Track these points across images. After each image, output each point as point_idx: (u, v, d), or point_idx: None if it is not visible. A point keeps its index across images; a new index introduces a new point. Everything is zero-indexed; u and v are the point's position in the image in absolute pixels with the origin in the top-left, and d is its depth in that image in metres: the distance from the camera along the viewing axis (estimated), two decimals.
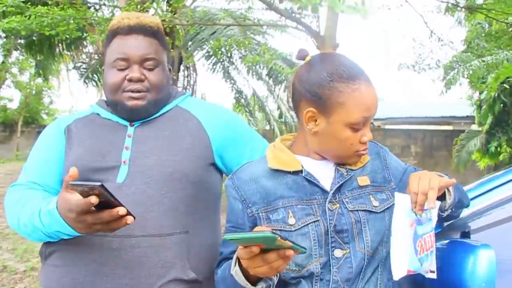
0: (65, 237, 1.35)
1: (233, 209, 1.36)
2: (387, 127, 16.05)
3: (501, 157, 11.45)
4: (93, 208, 1.18)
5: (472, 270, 1.27)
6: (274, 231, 0.99)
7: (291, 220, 1.27)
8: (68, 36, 6.85)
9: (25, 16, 6.31)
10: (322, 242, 1.25)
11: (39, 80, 18.62)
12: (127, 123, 1.55)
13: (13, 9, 6.30)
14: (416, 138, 14.85)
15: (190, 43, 10.84)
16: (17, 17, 6.32)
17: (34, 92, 20.97)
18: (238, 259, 1.14)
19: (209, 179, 1.56)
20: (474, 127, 13.73)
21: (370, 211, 1.29)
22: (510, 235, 1.56)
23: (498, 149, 11.35)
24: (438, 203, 1.28)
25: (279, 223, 1.27)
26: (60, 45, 11.92)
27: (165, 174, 1.45)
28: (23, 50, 12.44)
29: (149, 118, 1.56)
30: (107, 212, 1.18)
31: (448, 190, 1.33)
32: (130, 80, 1.51)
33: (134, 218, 1.22)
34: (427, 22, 7.19)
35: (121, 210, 1.18)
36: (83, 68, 14.01)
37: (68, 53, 13.03)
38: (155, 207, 1.42)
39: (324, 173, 1.33)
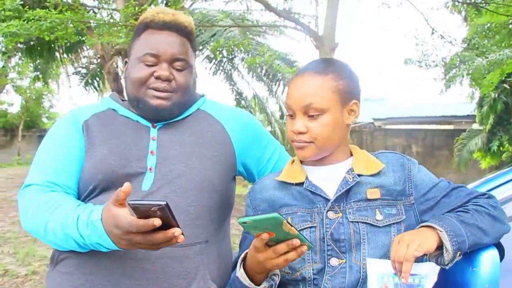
0: (104, 250, 1.26)
1: (247, 216, 1.43)
2: (388, 127, 16.03)
3: (503, 156, 11.42)
4: None
5: (475, 270, 1.26)
6: (280, 214, 1.07)
7: None
8: (67, 41, 6.85)
9: (24, 20, 6.30)
10: (317, 248, 1.30)
11: (39, 84, 18.65)
12: (149, 124, 1.49)
13: (11, 13, 6.28)
14: (417, 138, 14.82)
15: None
16: (16, 21, 6.30)
17: (34, 96, 20.99)
18: (242, 261, 1.27)
19: (230, 188, 1.55)
20: (475, 126, 13.70)
21: (371, 224, 1.29)
22: None
23: (500, 148, 11.33)
24: (433, 267, 1.20)
25: None
26: (59, 49, 11.93)
27: (193, 183, 1.41)
28: (22, 54, 12.43)
29: (172, 120, 1.50)
30: (161, 234, 1.12)
31: (446, 247, 1.19)
32: (157, 78, 1.43)
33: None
34: (428, 19, 7.14)
35: (176, 232, 1.12)
36: (83, 73, 14.04)
37: (67, 56, 13.04)
38: (181, 216, 1.33)
39: (334, 180, 1.35)
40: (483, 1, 7.17)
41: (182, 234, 1.13)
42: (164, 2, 9.05)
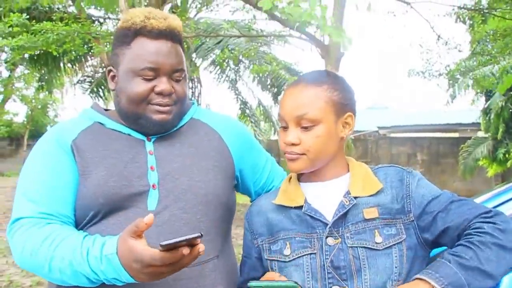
0: (120, 284, 1.17)
1: (245, 239, 1.44)
2: (393, 135, 15.99)
3: (509, 164, 11.37)
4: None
5: (501, 282, 1.23)
6: (297, 283, 1.09)
7: (287, 251, 1.30)
8: (75, 53, 6.89)
9: (32, 34, 6.33)
10: (318, 276, 1.24)
11: (44, 93, 18.74)
12: (143, 137, 1.39)
13: (19, 28, 6.31)
14: (422, 146, 14.78)
15: (194, 54, 10.87)
16: (24, 35, 6.32)
17: (39, 106, 21.10)
18: None
19: (232, 198, 1.49)
20: (480, 133, 13.66)
21: (370, 248, 1.23)
22: None
23: (506, 156, 11.30)
24: None
25: (277, 254, 1.32)
26: (64, 58, 11.99)
27: (199, 197, 1.35)
28: (27, 64, 12.51)
29: (166, 133, 1.41)
30: (187, 257, 1.07)
31: None
32: (159, 93, 1.33)
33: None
34: (434, 27, 7.14)
35: (201, 248, 1.08)
36: (87, 82, 14.08)
37: (72, 66, 13.09)
38: (192, 233, 1.29)
39: (332, 202, 1.30)
40: (488, 8, 7.16)
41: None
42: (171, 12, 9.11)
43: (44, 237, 1.21)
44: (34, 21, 6.73)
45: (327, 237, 1.25)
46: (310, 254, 1.27)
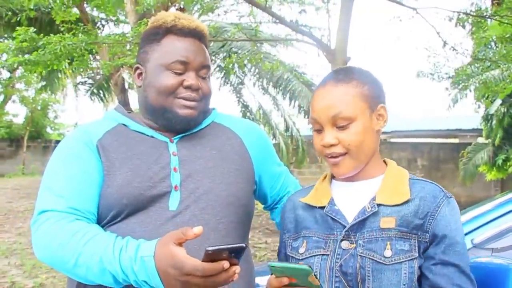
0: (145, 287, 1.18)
1: (280, 233, 1.46)
2: (393, 140, 16.01)
3: (509, 170, 11.39)
4: None
5: None
6: (311, 268, 1.09)
7: (302, 249, 1.31)
8: (82, 68, 6.95)
9: (41, 50, 6.36)
10: (326, 278, 1.24)
11: (44, 95, 18.71)
12: (165, 139, 1.42)
13: (27, 43, 6.32)
14: (423, 151, 14.81)
15: None
16: (34, 53, 6.37)
17: (39, 107, 21.06)
18: None
19: (252, 202, 1.51)
20: (480, 140, 13.69)
21: (377, 261, 1.20)
22: None
23: (506, 162, 11.32)
24: None
25: (294, 251, 1.34)
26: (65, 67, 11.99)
27: (220, 198, 1.36)
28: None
29: (188, 133, 1.44)
30: (224, 274, 1.08)
31: None
32: (187, 87, 1.38)
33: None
34: (440, 32, 7.15)
35: (237, 269, 1.09)
36: (88, 84, 14.08)
37: (73, 68, 13.07)
38: (212, 235, 1.31)
39: (358, 204, 1.28)
40: (492, 14, 7.18)
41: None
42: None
43: (74, 232, 1.22)
44: (35, 23, 6.75)
45: (342, 240, 1.25)
46: (322, 255, 1.27)
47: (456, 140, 16.65)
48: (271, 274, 1.17)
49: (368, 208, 1.25)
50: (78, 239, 1.21)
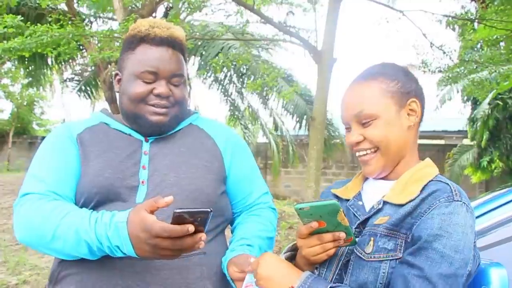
0: (118, 255, 1.25)
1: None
2: None
3: (494, 172, 11.54)
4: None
5: None
6: (337, 202, 1.12)
7: None
8: (68, 56, 6.87)
9: (26, 37, 6.28)
10: (332, 267, 1.27)
11: (31, 91, 18.51)
12: (141, 138, 1.51)
13: (13, 29, 6.24)
14: None
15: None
16: (19, 37, 6.28)
17: (25, 103, 20.84)
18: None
19: (223, 200, 1.55)
20: (466, 141, 13.81)
21: (358, 256, 1.21)
22: None
23: (491, 164, 11.45)
24: None
25: None
26: (51, 56, 11.87)
27: (184, 192, 1.42)
28: (15, 60, 12.33)
29: (165, 134, 1.52)
30: (190, 238, 1.15)
31: None
32: (157, 95, 1.45)
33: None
34: (426, 34, 7.22)
35: (203, 236, 1.16)
36: (76, 80, 13.95)
37: (59, 64, 12.94)
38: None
39: (376, 201, 1.28)
40: (479, 18, 7.26)
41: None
42: (164, 15, 9.10)
43: (52, 208, 1.32)
44: (23, 17, 6.67)
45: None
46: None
47: (442, 142, 16.77)
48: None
49: (376, 205, 1.26)
50: (57, 213, 1.30)
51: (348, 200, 1.34)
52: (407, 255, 1.11)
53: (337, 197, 1.38)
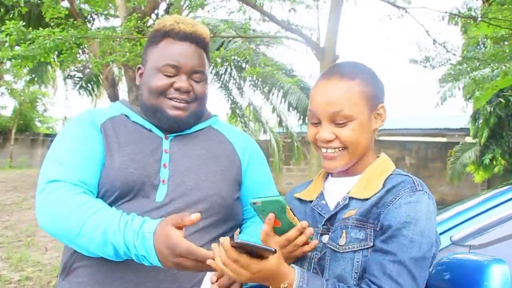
0: (146, 263, 1.24)
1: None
2: (381, 138, 16.09)
3: (496, 170, 11.51)
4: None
5: (486, 284, 1.27)
6: (284, 199, 1.16)
7: None
8: (71, 62, 6.90)
9: (29, 43, 6.28)
10: (305, 268, 1.27)
11: (34, 87, 18.54)
12: (161, 135, 1.50)
13: (16, 36, 6.24)
14: (411, 150, 14.89)
15: None
16: (22, 46, 6.30)
17: (28, 100, 20.86)
18: None
19: (237, 205, 1.55)
20: (468, 139, 13.79)
21: (333, 250, 1.23)
22: None
23: (493, 161, 11.43)
24: None
25: None
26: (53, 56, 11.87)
27: (204, 195, 1.42)
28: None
29: (184, 133, 1.52)
30: (213, 262, 1.13)
31: None
32: (177, 89, 1.45)
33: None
34: (429, 30, 7.20)
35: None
36: (77, 77, 13.97)
37: (61, 61, 12.95)
38: (190, 229, 1.35)
39: (340, 199, 1.31)
40: (480, 15, 7.23)
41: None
42: (165, 13, 9.08)
43: (81, 203, 1.29)
44: (24, 16, 6.67)
45: (322, 234, 1.28)
46: None
47: (444, 139, 16.76)
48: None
49: (342, 201, 1.28)
50: (85, 210, 1.27)
51: (311, 201, 1.36)
52: (380, 242, 1.17)
53: (300, 200, 1.39)
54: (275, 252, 1.03)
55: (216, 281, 1.22)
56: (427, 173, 14.02)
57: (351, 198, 1.27)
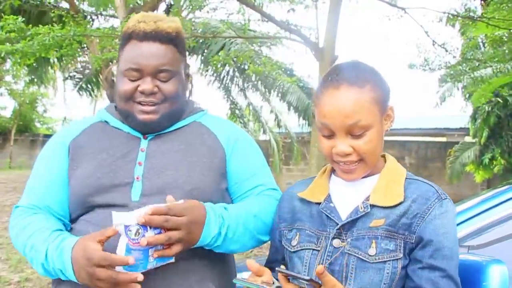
0: (63, 278, 1.30)
1: (273, 221, 1.45)
2: None
3: (495, 170, 11.50)
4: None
5: (485, 284, 1.27)
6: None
7: (294, 242, 1.32)
8: (71, 57, 6.89)
9: (28, 40, 6.26)
10: (314, 273, 1.19)
11: (33, 88, 18.54)
12: (140, 135, 1.46)
13: (15, 34, 6.23)
14: (411, 150, 14.89)
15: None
16: (22, 42, 6.28)
17: (28, 100, 20.87)
18: None
19: (224, 198, 1.47)
20: (468, 139, 13.79)
21: (361, 259, 1.19)
22: None
23: (493, 161, 11.42)
24: None
25: (288, 242, 1.34)
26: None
27: (183, 191, 1.36)
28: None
29: (164, 132, 1.47)
30: (126, 275, 1.17)
31: None
32: (142, 93, 1.40)
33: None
34: (428, 31, 7.20)
35: (139, 277, 1.17)
36: (77, 78, 13.96)
37: (61, 62, 12.95)
38: None
39: (352, 202, 1.27)
40: (479, 16, 7.24)
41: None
42: (165, 13, 9.08)
43: (23, 226, 1.38)
44: (24, 16, 6.67)
45: (333, 238, 1.24)
46: (313, 250, 1.26)
47: (443, 139, 16.75)
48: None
49: (361, 208, 1.24)
50: (26, 233, 1.36)
51: (318, 203, 1.31)
52: (428, 258, 1.18)
53: (302, 200, 1.35)
54: (320, 285, 1.09)
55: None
56: (427, 173, 14.01)
57: (372, 206, 1.23)
